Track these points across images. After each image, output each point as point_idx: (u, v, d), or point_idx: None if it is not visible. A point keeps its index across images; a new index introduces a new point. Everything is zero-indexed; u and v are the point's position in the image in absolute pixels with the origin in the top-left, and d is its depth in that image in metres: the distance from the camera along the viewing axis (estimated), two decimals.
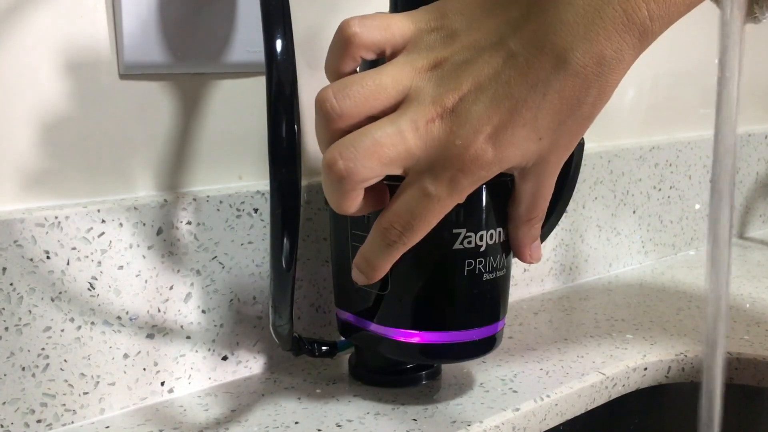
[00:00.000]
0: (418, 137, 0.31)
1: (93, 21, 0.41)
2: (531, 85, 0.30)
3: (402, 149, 0.31)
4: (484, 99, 0.30)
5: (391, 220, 0.33)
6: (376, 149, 0.31)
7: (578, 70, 0.30)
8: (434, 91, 0.31)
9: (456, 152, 0.31)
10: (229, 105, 0.47)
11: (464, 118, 0.31)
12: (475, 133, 0.30)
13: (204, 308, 0.46)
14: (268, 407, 0.45)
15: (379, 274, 0.36)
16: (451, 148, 0.31)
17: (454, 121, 0.31)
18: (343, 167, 0.31)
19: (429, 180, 0.31)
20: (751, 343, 0.55)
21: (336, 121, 0.32)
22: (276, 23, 0.33)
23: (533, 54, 0.30)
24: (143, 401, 0.45)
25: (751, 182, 0.88)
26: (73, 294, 0.41)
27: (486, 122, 0.30)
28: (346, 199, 0.33)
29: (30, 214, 0.39)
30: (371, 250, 0.35)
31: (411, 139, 0.31)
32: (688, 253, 0.81)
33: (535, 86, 0.30)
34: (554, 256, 0.67)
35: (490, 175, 0.32)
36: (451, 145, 0.31)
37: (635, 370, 0.52)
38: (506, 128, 0.31)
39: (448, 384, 0.48)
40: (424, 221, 0.32)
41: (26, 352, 0.40)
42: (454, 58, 0.31)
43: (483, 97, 0.30)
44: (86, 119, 0.42)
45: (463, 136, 0.31)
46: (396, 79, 0.32)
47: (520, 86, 0.30)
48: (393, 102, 0.32)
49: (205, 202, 0.45)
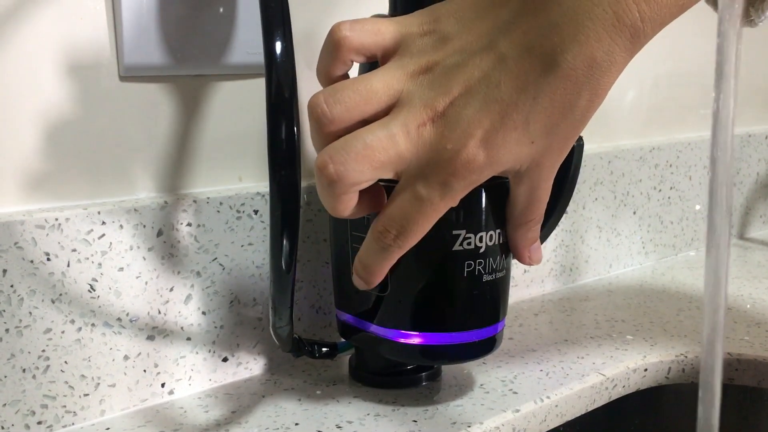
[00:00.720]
0: (409, 141, 0.31)
1: (93, 23, 0.41)
2: (521, 88, 0.30)
3: (393, 153, 0.31)
4: (475, 102, 0.30)
5: (385, 223, 0.33)
6: (367, 153, 0.31)
7: (569, 73, 0.29)
8: (425, 95, 0.31)
9: (447, 156, 0.31)
10: (229, 107, 0.47)
11: (455, 122, 0.30)
12: (467, 137, 0.30)
13: (204, 310, 0.46)
14: (268, 408, 0.45)
15: (377, 278, 0.36)
16: (442, 152, 0.31)
17: (445, 125, 0.31)
18: (333, 171, 0.31)
19: (421, 184, 0.31)
20: (752, 343, 0.55)
21: (328, 125, 0.32)
22: (276, 25, 0.33)
23: (523, 57, 0.30)
24: (143, 403, 0.45)
25: (751, 183, 0.88)
26: (74, 296, 0.41)
27: (477, 126, 0.30)
28: (338, 203, 0.33)
29: (30, 216, 0.39)
30: (368, 255, 0.35)
31: (402, 143, 0.31)
32: (688, 253, 0.81)
33: (526, 89, 0.30)
34: (554, 257, 0.67)
35: (482, 178, 0.32)
36: (443, 149, 0.31)
37: (635, 371, 0.52)
38: (497, 132, 0.30)
39: (448, 385, 0.48)
40: (417, 225, 0.32)
41: (27, 354, 0.40)
42: (445, 61, 0.31)
43: (474, 100, 0.30)
44: (86, 121, 0.42)
45: (455, 140, 0.30)
46: (387, 84, 0.32)
47: (511, 89, 0.30)
48: (384, 106, 0.32)
49: (205, 203, 0.45)
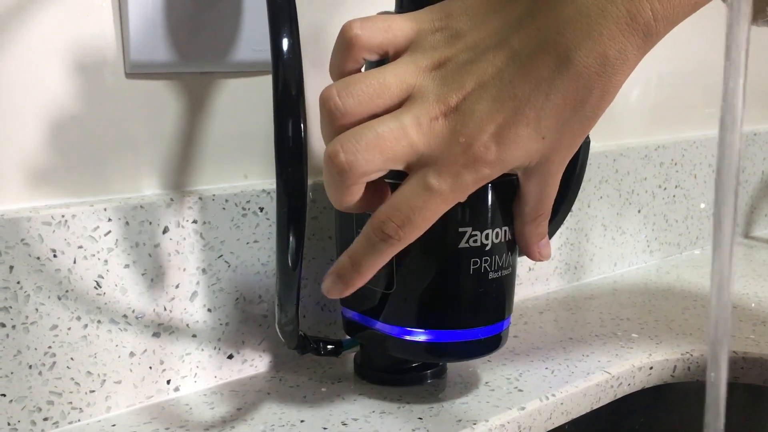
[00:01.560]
0: (421, 133, 0.31)
1: (99, 20, 0.41)
2: (534, 85, 0.30)
3: (405, 144, 0.31)
4: (488, 98, 0.30)
5: (388, 214, 0.32)
6: (379, 143, 0.31)
7: (581, 70, 0.29)
8: (438, 89, 0.31)
9: (460, 150, 0.31)
10: (235, 104, 0.47)
11: (468, 116, 0.31)
12: (479, 132, 0.30)
13: (210, 307, 0.46)
14: (273, 406, 0.45)
15: (364, 278, 0.34)
16: (454, 145, 0.31)
17: (457, 120, 0.31)
18: (344, 160, 0.31)
19: (432, 174, 0.31)
20: (757, 342, 0.55)
21: (339, 119, 0.32)
22: (282, 22, 0.33)
23: (536, 53, 0.30)
24: (149, 399, 0.45)
25: (756, 181, 0.88)
26: (80, 292, 0.41)
27: (490, 121, 0.30)
28: (346, 194, 0.32)
29: (37, 213, 0.39)
30: (360, 249, 0.34)
31: (414, 135, 0.31)
32: (693, 252, 0.81)
33: (539, 86, 0.30)
34: (559, 255, 0.67)
35: (493, 173, 0.32)
36: (455, 143, 0.31)
37: (641, 369, 0.52)
38: (510, 127, 0.30)
39: (453, 383, 0.48)
40: (422, 216, 0.32)
41: (33, 351, 0.40)
42: (458, 57, 0.31)
43: (486, 96, 0.30)
44: (92, 118, 0.42)
45: (467, 134, 0.31)
46: (400, 78, 0.32)
47: (523, 85, 0.30)
48: (396, 101, 0.32)
49: (211, 200, 0.45)
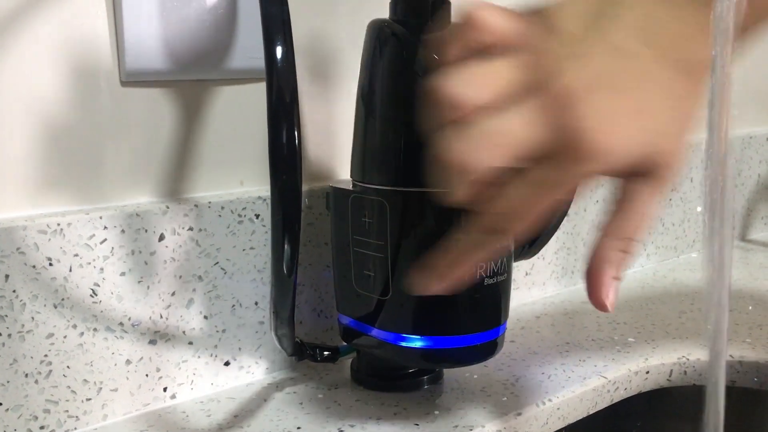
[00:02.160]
0: (536, 126, 0.31)
1: (94, 28, 0.41)
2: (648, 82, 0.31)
3: (522, 138, 0.31)
4: (602, 93, 0.31)
5: (500, 207, 0.32)
6: (496, 138, 0.31)
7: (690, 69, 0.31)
8: (552, 84, 0.31)
9: (575, 145, 0.31)
10: (230, 111, 0.47)
11: (582, 110, 0.31)
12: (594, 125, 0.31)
13: (206, 314, 0.46)
14: (270, 412, 0.45)
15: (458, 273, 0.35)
16: (569, 140, 0.31)
17: (573, 114, 0.31)
18: (463, 156, 0.31)
19: (545, 168, 0.31)
20: (753, 346, 0.55)
21: (455, 110, 0.32)
22: (276, 30, 0.33)
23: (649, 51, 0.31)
24: (146, 407, 0.45)
25: (752, 184, 0.88)
26: (76, 300, 0.41)
27: (604, 115, 0.31)
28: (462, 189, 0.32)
29: (32, 222, 0.39)
30: (465, 246, 0.34)
31: (529, 129, 0.31)
32: (690, 255, 0.81)
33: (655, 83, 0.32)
34: (556, 260, 0.67)
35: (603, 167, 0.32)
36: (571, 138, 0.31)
37: (637, 373, 0.52)
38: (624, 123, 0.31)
39: (450, 388, 0.48)
40: (533, 209, 0.32)
41: (29, 359, 0.40)
42: (571, 53, 0.32)
43: (601, 91, 0.31)
44: (88, 126, 0.42)
45: (583, 129, 0.31)
46: (513, 71, 0.32)
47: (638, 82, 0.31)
48: (512, 93, 0.32)
49: (206, 208, 0.45)
